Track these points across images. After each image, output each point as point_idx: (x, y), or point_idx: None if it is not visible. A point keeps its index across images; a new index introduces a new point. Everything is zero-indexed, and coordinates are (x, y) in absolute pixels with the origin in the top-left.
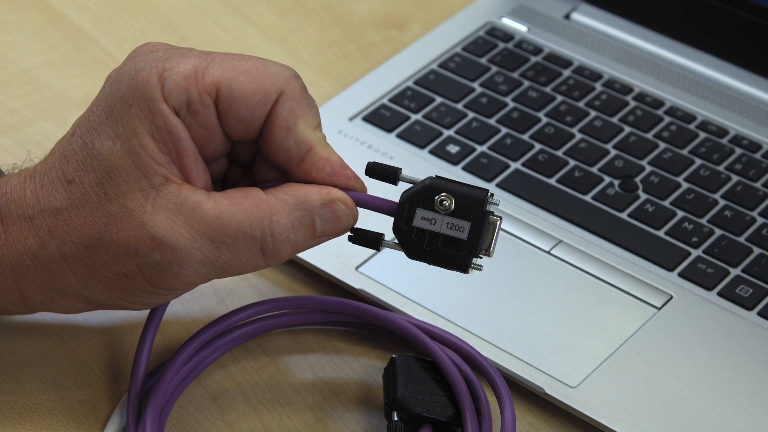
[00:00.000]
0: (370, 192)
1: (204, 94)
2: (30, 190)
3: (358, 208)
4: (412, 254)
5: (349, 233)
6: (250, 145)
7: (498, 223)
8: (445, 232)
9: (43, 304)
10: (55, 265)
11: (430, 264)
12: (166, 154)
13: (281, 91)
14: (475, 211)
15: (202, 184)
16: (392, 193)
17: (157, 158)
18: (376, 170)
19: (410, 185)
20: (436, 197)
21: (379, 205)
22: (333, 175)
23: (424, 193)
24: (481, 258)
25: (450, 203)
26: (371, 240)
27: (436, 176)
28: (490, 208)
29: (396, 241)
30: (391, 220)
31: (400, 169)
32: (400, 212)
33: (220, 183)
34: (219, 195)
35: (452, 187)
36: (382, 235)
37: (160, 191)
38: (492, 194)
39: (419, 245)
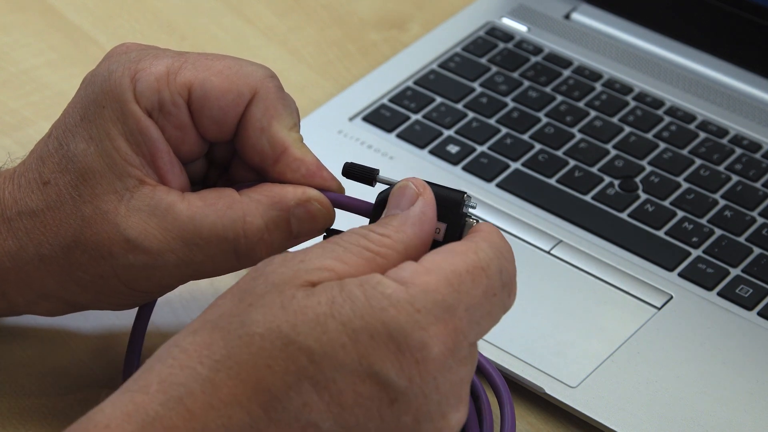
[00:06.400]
0: (348, 193)
1: (176, 95)
2: (8, 191)
3: (336, 210)
4: None
5: (324, 234)
6: (228, 146)
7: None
8: None
9: (27, 306)
10: (33, 267)
11: None
12: (139, 156)
13: (255, 91)
14: (452, 213)
15: (178, 185)
16: (372, 194)
17: (131, 160)
18: (353, 171)
19: (387, 186)
20: None
21: (355, 206)
22: (308, 176)
23: None
24: None
25: None
26: None
27: (413, 178)
28: (468, 210)
29: None
30: (368, 221)
31: (377, 170)
32: (376, 213)
33: (201, 185)
34: (193, 196)
35: None
36: None
37: (134, 193)
38: (470, 196)
39: None
